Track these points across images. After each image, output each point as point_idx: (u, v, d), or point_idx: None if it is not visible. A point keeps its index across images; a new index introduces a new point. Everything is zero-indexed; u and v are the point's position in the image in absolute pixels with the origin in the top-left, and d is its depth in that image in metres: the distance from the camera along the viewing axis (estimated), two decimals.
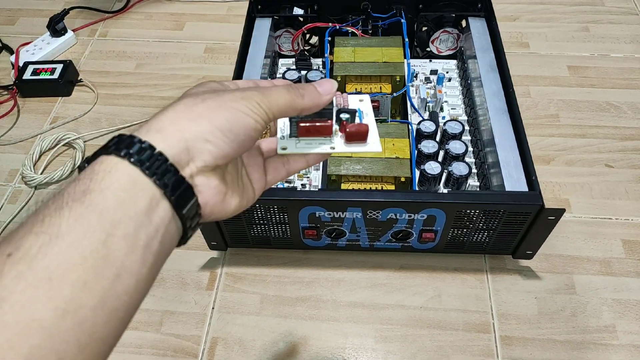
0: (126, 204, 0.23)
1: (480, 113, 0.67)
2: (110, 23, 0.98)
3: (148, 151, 0.24)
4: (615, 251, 0.63)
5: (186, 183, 0.25)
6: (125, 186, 0.23)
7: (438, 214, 0.55)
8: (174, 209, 0.25)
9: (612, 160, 0.72)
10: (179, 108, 0.26)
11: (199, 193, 0.27)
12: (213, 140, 0.26)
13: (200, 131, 0.26)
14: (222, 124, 0.26)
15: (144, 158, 0.24)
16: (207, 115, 0.26)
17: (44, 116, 0.82)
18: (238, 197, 0.30)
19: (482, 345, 0.57)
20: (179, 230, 0.26)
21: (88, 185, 0.23)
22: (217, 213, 0.28)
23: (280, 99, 0.28)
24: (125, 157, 0.24)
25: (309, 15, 0.77)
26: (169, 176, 0.24)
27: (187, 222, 0.26)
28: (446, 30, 0.77)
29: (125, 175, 0.24)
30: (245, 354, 0.57)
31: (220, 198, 0.28)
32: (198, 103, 0.27)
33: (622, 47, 0.89)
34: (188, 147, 0.25)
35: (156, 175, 0.24)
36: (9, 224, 0.69)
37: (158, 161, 0.24)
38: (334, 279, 0.62)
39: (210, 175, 0.27)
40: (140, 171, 0.24)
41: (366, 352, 0.57)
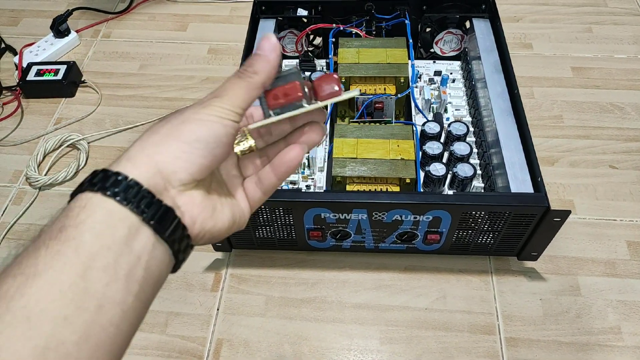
0: (103, 236, 0.23)
1: (485, 114, 0.67)
2: (114, 24, 0.98)
3: (122, 182, 0.24)
4: (620, 252, 0.63)
5: (164, 206, 0.25)
6: (101, 218, 0.24)
7: (443, 215, 0.55)
8: (157, 234, 0.25)
9: (617, 162, 0.72)
10: (145, 136, 0.27)
11: (184, 213, 0.26)
12: (183, 156, 0.26)
13: (168, 151, 0.26)
14: (188, 137, 0.26)
15: (119, 189, 0.24)
16: (173, 134, 0.26)
17: (48, 117, 0.82)
18: (229, 211, 0.29)
19: (487, 346, 0.57)
20: (169, 255, 0.26)
21: (64, 223, 0.23)
22: (209, 230, 0.28)
23: (237, 89, 0.27)
24: (99, 191, 0.24)
25: (312, 17, 0.77)
26: (145, 202, 0.24)
27: (174, 245, 0.26)
28: (450, 32, 0.77)
29: (101, 208, 0.24)
30: (251, 355, 0.57)
31: (208, 213, 0.28)
32: (163, 125, 0.27)
33: (625, 48, 0.89)
34: (160, 169, 0.25)
35: (132, 203, 0.24)
36: (14, 224, 0.69)
37: (132, 189, 0.24)
38: (339, 280, 0.62)
39: (193, 191, 0.27)
40: (115, 202, 0.24)
41: (371, 353, 0.57)
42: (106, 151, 0.77)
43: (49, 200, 0.72)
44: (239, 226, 0.31)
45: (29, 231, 0.68)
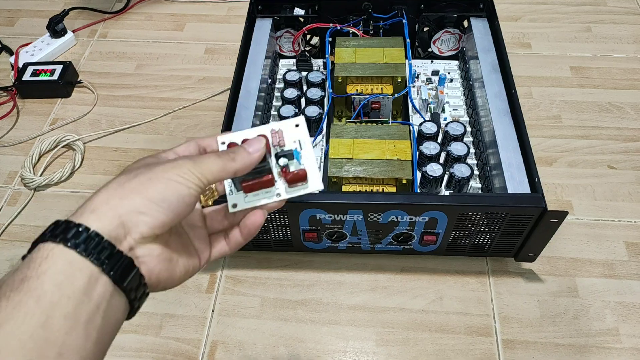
0: (64, 285, 0.24)
1: (482, 114, 0.66)
2: (110, 24, 0.98)
3: (84, 233, 0.25)
4: (618, 253, 0.63)
5: (124, 257, 0.26)
6: (62, 269, 0.24)
7: (440, 216, 0.54)
8: (115, 283, 0.26)
9: (615, 162, 0.72)
10: (111, 187, 0.28)
11: (142, 264, 0.27)
12: (147, 212, 0.27)
13: (133, 205, 0.27)
14: (154, 195, 0.27)
15: (80, 240, 0.25)
16: (139, 189, 0.27)
17: (44, 117, 0.82)
18: (184, 263, 0.31)
19: (484, 348, 0.56)
20: (125, 303, 0.27)
21: (26, 273, 0.24)
22: (164, 280, 0.29)
23: (212, 165, 0.29)
24: (61, 242, 0.25)
25: (309, 16, 0.76)
26: (105, 253, 0.25)
27: (131, 294, 0.27)
28: (448, 31, 0.76)
29: (62, 259, 0.25)
30: (246, 357, 0.56)
31: (165, 265, 0.29)
32: (130, 179, 0.28)
33: (624, 47, 0.88)
34: (122, 221, 0.26)
35: (92, 255, 0.25)
36: (8, 225, 0.69)
37: (93, 240, 0.25)
38: (335, 281, 0.62)
39: (152, 244, 0.28)
40: (76, 253, 0.25)
41: (367, 355, 0.56)
42: (102, 152, 0.77)
43: (44, 201, 0.71)
44: (191, 276, 0.32)
45: (23, 232, 0.68)
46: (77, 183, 0.73)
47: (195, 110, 0.82)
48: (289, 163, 0.32)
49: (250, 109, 0.65)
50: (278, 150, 0.33)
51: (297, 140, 0.33)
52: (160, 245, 0.29)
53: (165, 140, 0.78)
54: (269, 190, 0.32)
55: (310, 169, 0.32)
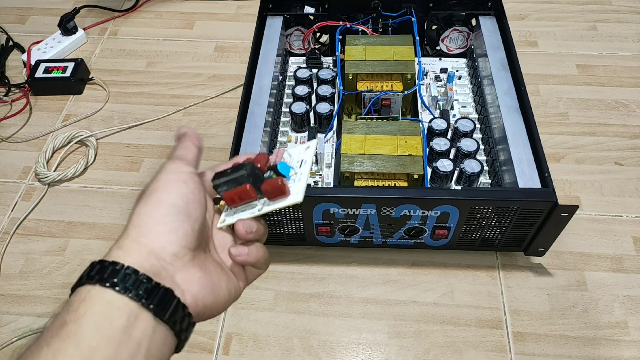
0: (102, 327, 0.24)
1: (492, 111, 0.67)
2: (121, 22, 0.99)
3: (120, 271, 0.25)
4: (626, 248, 0.64)
5: (163, 288, 0.26)
6: (100, 310, 0.24)
7: (452, 210, 0.55)
8: (156, 317, 0.25)
9: (622, 158, 0.73)
10: (128, 222, 0.28)
11: (185, 291, 0.27)
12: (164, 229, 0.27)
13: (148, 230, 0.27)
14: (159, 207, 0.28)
15: (117, 279, 0.25)
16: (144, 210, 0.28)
17: (56, 114, 0.83)
18: (225, 286, 0.30)
19: (495, 341, 0.57)
20: (170, 336, 0.26)
21: (65, 318, 0.24)
22: (210, 305, 0.29)
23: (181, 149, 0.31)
24: (97, 283, 0.25)
25: (319, 14, 0.77)
26: (143, 287, 0.25)
27: (175, 326, 0.26)
28: (456, 29, 0.77)
29: (99, 299, 0.24)
30: (260, 349, 0.57)
31: (208, 289, 0.28)
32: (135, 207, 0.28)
33: (630, 45, 0.89)
34: (150, 250, 0.26)
35: (130, 291, 0.25)
36: (24, 220, 0.70)
37: (130, 277, 0.25)
38: (347, 275, 0.63)
39: (191, 268, 0.28)
40: (114, 292, 0.24)
41: (380, 347, 0.57)
42: (115, 147, 0.78)
43: (58, 196, 0.72)
44: (235, 299, 0.32)
45: (38, 227, 0.69)
46: (90, 178, 0.74)
47: (206, 107, 0.83)
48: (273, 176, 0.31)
49: (262, 105, 0.66)
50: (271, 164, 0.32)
51: (301, 160, 0.33)
52: (199, 269, 0.28)
53: None
54: (252, 204, 0.32)
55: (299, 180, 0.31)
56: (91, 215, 0.70)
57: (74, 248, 0.67)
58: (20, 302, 0.62)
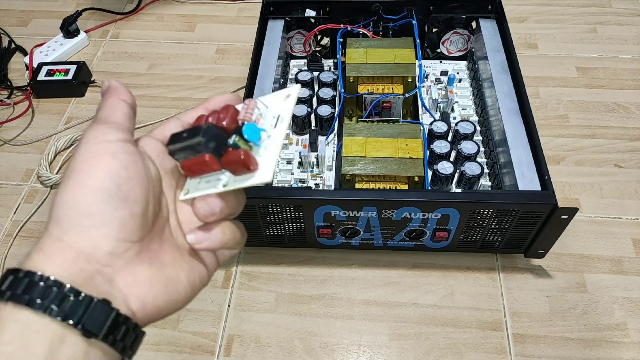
0: (17, 358, 0.19)
1: (492, 114, 0.67)
2: (122, 24, 0.99)
3: (37, 284, 0.20)
4: (626, 250, 0.64)
5: (95, 300, 0.20)
6: (12, 336, 0.19)
7: (452, 213, 0.55)
8: (88, 337, 0.20)
9: (622, 161, 0.73)
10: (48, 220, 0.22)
11: (128, 297, 0.22)
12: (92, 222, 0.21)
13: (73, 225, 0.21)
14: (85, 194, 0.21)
15: (35, 294, 0.19)
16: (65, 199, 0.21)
17: (58, 116, 0.83)
18: (187, 275, 0.24)
19: (495, 342, 0.57)
20: (110, 355, 0.21)
21: None
22: (165, 307, 0.23)
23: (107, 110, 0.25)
24: (9, 301, 0.20)
25: (320, 17, 0.78)
26: (68, 303, 0.20)
27: (116, 344, 0.21)
28: (457, 32, 0.77)
29: (12, 322, 0.19)
30: (261, 350, 0.58)
31: (161, 288, 0.23)
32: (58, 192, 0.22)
33: (630, 48, 0.90)
34: (78, 252, 0.21)
35: (52, 310, 0.19)
36: (26, 222, 0.70)
37: (49, 290, 0.20)
38: (348, 277, 0.63)
39: (136, 265, 0.22)
40: (30, 312, 0.19)
41: (380, 349, 0.58)
42: None
43: None
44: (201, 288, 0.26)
45: (40, 229, 0.69)
46: None
47: None
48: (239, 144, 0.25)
49: None
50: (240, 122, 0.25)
51: (277, 115, 0.26)
52: (149, 264, 0.23)
53: None
54: (217, 176, 0.25)
55: (266, 157, 0.25)
56: None
57: None
58: None
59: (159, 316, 0.23)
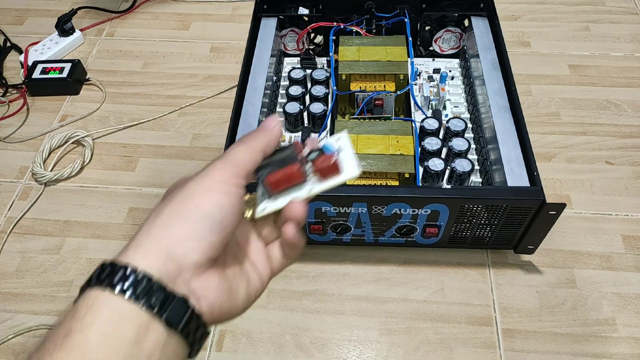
0: (111, 339, 0.22)
1: (483, 111, 0.68)
2: (117, 23, 1.00)
3: (131, 275, 0.23)
4: (615, 246, 0.64)
5: (177, 297, 0.24)
6: (108, 319, 0.22)
7: (442, 209, 0.56)
8: (169, 328, 0.23)
9: (613, 157, 0.74)
10: (150, 218, 0.26)
11: (200, 299, 0.25)
12: (192, 236, 0.25)
13: (175, 233, 0.25)
14: (194, 214, 0.25)
15: (128, 284, 0.23)
16: (176, 213, 0.25)
17: (53, 114, 0.84)
18: (245, 288, 0.28)
19: (484, 337, 0.58)
20: (182, 347, 0.24)
21: (70, 327, 0.22)
22: (226, 313, 0.27)
23: (239, 153, 0.27)
24: (107, 288, 0.23)
25: (313, 15, 0.78)
26: (156, 296, 0.23)
27: (189, 337, 0.24)
28: (449, 30, 0.78)
29: (108, 307, 0.23)
30: (253, 345, 0.58)
31: (226, 296, 0.26)
32: (166, 205, 0.26)
33: (622, 46, 0.90)
34: (170, 254, 0.24)
35: (141, 299, 0.23)
36: (20, 219, 0.70)
37: (141, 283, 0.23)
38: (339, 273, 0.64)
39: (209, 274, 0.26)
40: (124, 300, 0.23)
41: (371, 344, 0.58)
42: (111, 147, 0.79)
43: (54, 196, 0.73)
44: (254, 301, 0.29)
45: (34, 226, 0.70)
46: (86, 178, 0.75)
47: (202, 107, 0.83)
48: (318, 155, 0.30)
49: (256, 105, 0.67)
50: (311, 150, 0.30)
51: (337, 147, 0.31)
52: (218, 274, 0.26)
53: (172, 136, 0.79)
54: (299, 186, 0.30)
55: (347, 156, 0.30)
56: (87, 214, 0.71)
57: (70, 247, 0.67)
58: (16, 300, 0.63)
59: (219, 320, 0.27)
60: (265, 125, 0.30)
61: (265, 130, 0.29)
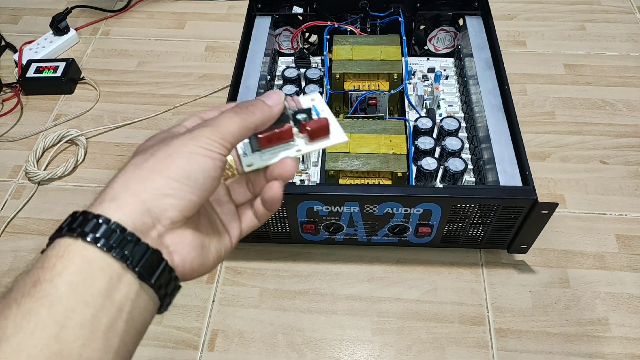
0: (81, 289, 0.21)
1: (477, 110, 0.68)
2: (112, 22, 0.99)
3: (103, 225, 0.23)
4: (609, 246, 0.64)
5: (151, 249, 0.24)
6: (79, 268, 0.22)
7: (434, 208, 0.56)
8: (141, 280, 0.23)
9: (607, 157, 0.74)
10: (128, 170, 0.25)
11: (173, 253, 0.25)
12: (172, 193, 0.24)
13: (156, 188, 0.24)
14: (177, 173, 0.25)
15: (100, 233, 0.22)
16: (159, 168, 0.25)
17: (47, 113, 0.84)
18: (216, 246, 0.29)
19: (477, 337, 0.58)
20: (153, 300, 0.24)
21: (38, 276, 0.21)
22: (197, 269, 0.27)
23: (231, 125, 0.27)
24: (78, 237, 0.22)
25: (308, 14, 0.78)
26: (129, 247, 0.23)
27: (161, 290, 0.24)
28: (443, 29, 0.78)
29: (80, 257, 0.22)
30: (245, 345, 0.58)
31: (198, 252, 0.26)
32: (147, 159, 0.25)
33: (617, 45, 0.90)
34: (148, 208, 0.24)
35: (114, 250, 0.22)
36: (13, 218, 0.70)
37: (115, 233, 0.23)
38: (332, 272, 0.63)
39: (183, 230, 0.26)
40: (96, 249, 0.22)
41: (363, 343, 0.58)
42: (104, 146, 0.78)
43: (47, 195, 0.73)
44: (223, 260, 0.30)
45: (27, 225, 0.70)
46: (80, 177, 0.75)
47: (196, 106, 0.83)
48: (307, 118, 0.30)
49: None
50: (295, 110, 0.31)
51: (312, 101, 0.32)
52: (191, 230, 0.26)
53: None
54: (287, 145, 0.30)
55: (332, 122, 0.31)
56: None
57: None
58: None
59: (190, 277, 0.27)
60: (266, 99, 0.29)
61: (264, 106, 0.28)
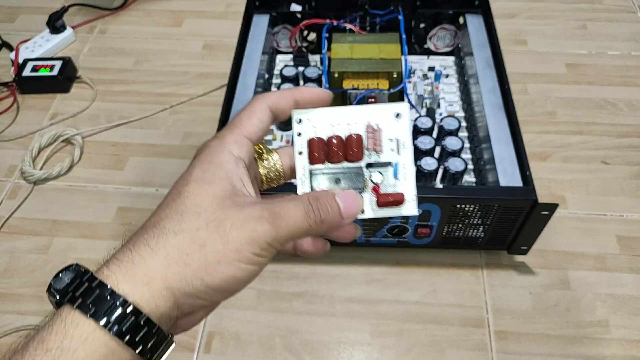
0: None
1: (477, 109, 0.67)
2: (109, 20, 0.99)
3: (132, 319, 0.22)
4: (610, 247, 0.64)
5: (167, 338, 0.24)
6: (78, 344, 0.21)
7: (433, 208, 0.55)
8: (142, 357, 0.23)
9: (608, 157, 0.73)
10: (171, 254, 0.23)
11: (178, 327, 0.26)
12: (205, 298, 0.24)
13: (193, 293, 0.24)
14: (218, 285, 0.24)
15: (128, 327, 0.22)
16: (203, 273, 0.23)
17: (43, 112, 0.83)
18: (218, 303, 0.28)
19: (477, 339, 0.57)
20: None
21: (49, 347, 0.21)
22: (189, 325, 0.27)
23: (294, 228, 0.25)
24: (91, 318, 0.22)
25: (306, 12, 0.77)
26: (154, 341, 0.23)
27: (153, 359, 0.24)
28: (443, 27, 0.77)
29: (103, 346, 0.22)
30: (241, 348, 0.57)
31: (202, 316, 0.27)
32: (196, 250, 0.24)
33: (619, 44, 0.89)
34: (177, 303, 0.24)
35: (139, 345, 0.22)
36: (9, 218, 0.69)
37: (143, 329, 0.22)
38: (330, 274, 0.63)
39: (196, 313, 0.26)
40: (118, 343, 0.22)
41: (362, 346, 0.57)
42: (100, 146, 0.78)
43: (43, 195, 0.72)
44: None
45: (23, 225, 0.69)
46: (76, 177, 0.74)
47: (193, 105, 0.83)
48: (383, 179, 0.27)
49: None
50: (372, 159, 0.27)
51: (395, 139, 0.27)
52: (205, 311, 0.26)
53: (162, 135, 0.78)
54: None
55: (407, 188, 0.27)
56: (76, 213, 0.70)
57: (58, 247, 0.66)
58: (3, 299, 0.62)
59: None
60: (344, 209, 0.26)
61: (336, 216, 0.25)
